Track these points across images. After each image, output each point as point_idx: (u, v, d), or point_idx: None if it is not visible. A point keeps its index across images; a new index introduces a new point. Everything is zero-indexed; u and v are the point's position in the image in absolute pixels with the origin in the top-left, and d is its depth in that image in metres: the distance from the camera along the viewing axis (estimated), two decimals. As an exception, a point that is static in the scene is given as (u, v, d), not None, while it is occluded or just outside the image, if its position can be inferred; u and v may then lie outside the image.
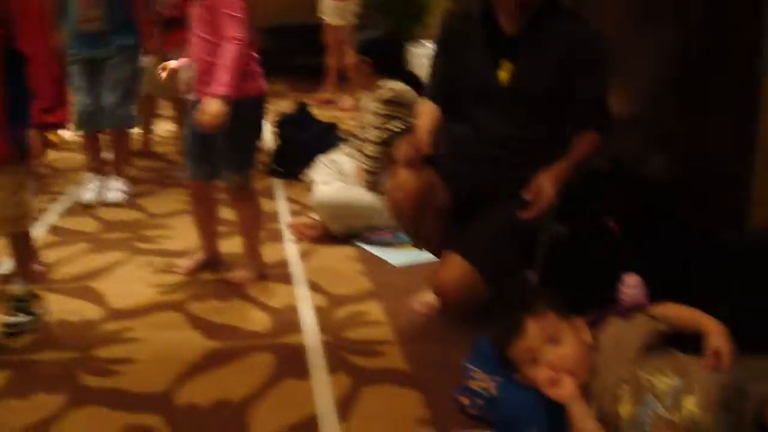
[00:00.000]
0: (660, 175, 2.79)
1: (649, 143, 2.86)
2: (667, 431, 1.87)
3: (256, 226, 3.25)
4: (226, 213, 3.45)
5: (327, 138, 4.82)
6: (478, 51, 2.71)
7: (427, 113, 2.85)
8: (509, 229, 2.55)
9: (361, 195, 3.66)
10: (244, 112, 2.90)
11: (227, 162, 3.01)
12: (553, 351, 1.99)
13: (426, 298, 2.87)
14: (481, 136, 2.74)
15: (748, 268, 2.38)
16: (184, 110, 4.03)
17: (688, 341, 2.06)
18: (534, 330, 1.99)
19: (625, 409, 1.93)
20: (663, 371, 1.93)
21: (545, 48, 2.60)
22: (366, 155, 3.68)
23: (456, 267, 2.54)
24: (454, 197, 2.73)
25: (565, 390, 1.96)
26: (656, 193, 2.71)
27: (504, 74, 2.65)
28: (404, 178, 2.67)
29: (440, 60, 2.87)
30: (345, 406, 2.24)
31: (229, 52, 2.81)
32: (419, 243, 2.97)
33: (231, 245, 3.41)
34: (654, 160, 2.82)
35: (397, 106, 3.61)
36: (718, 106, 2.49)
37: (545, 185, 2.49)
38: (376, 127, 3.63)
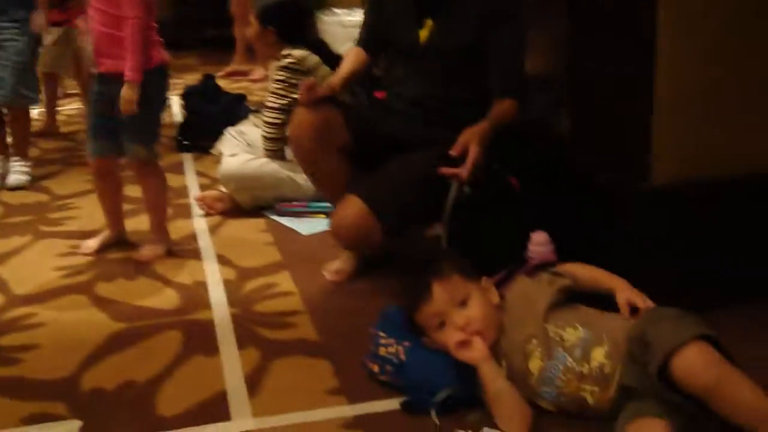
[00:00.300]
0: (561, 131, 2.79)
1: (550, 100, 2.86)
2: (577, 383, 1.89)
3: (161, 201, 3.19)
4: (132, 190, 3.37)
5: (236, 110, 4.75)
6: (405, 9, 2.75)
7: (349, 59, 2.92)
8: (413, 181, 2.57)
9: (267, 165, 3.60)
10: (146, 83, 2.86)
11: (131, 134, 2.95)
12: (461, 313, 1.98)
13: (335, 265, 2.86)
14: (398, 91, 2.79)
15: (650, 221, 2.40)
16: (89, 87, 3.91)
17: (597, 300, 2.08)
18: (440, 294, 1.99)
19: (535, 365, 1.94)
20: (571, 324, 1.95)
21: (464, 5, 2.62)
22: (266, 123, 3.61)
23: (353, 207, 2.57)
24: (361, 144, 2.73)
25: (475, 351, 1.95)
26: (559, 150, 2.71)
27: (425, 32, 2.69)
28: (301, 115, 2.71)
29: (372, 13, 2.94)
30: (255, 381, 2.20)
31: (131, 34, 2.80)
32: (319, 186, 2.98)
33: (138, 223, 3.35)
34: (555, 117, 2.82)
35: (296, 73, 3.54)
36: (618, 62, 2.49)
37: (472, 143, 2.48)
38: (276, 94, 3.57)
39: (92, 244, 3.20)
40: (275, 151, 3.62)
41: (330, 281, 2.84)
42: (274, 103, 3.57)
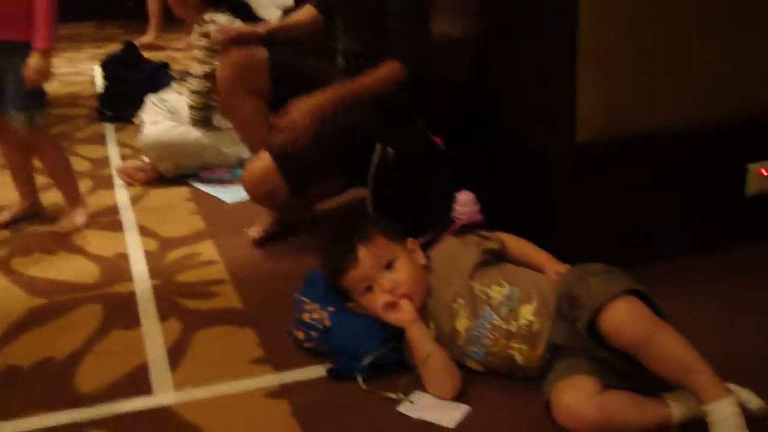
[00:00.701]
0: (486, 90, 2.75)
1: (474, 59, 2.82)
2: (505, 342, 1.86)
3: (62, 170, 3.10)
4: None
5: (158, 78, 4.63)
6: None
7: (298, 12, 2.95)
8: (325, 138, 2.52)
9: (190, 133, 3.52)
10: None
11: (14, 101, 2.82)
12: (388, 276, 1.93)
13: (258, 224, 2.86)
14: (338, 46, 2.81)
15: (576, 178, 2.38)
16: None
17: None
18: (366, 257, 1.94)
19: (462, 324, 1.91)
20: (497, 282, 1.93)
21: None
22: (192, 91, 3.52)
23: (261, 162, 2.59)
24: (282, 93, 2.66)
25: (403, 313, 1.91)
26: (484, 109, 2.67)
27: None
28: (226, 53, 2.73)
29: None
30: (177, 353, 2.14)
31: (42, 2, 2.69)
32: (239, 133, 2.95)
33: (56, 196, 3.22)
34: (480, 77, 2.78)
35: (220, 40, 3.45)
36: (541, 20, 2.45)
37: (300, 114, 2.48)
38: (200, 61, 3.48)
39: (3, 216, 3.11)
40: (202, 120, 3.53)
41: (254, 248, 2.80)
42: (201, 72, 3.48)
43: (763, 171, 2.59)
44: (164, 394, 1.96)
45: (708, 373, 1.61)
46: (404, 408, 1.84)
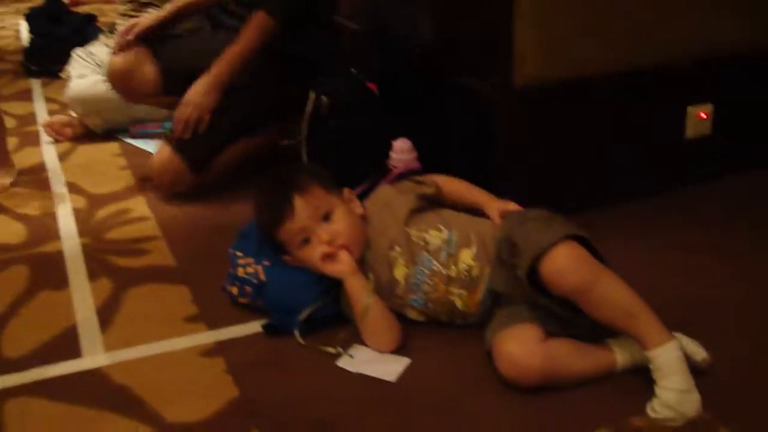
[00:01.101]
0: (423, 34, 2.69)
1: (409, 2, 2.75)
2: (444, 287, 1.83)
3: None
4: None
5: (85, 31, 4.51)
6: None
7: None
8: (220, 120, 2.64)
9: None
10: None
11: None
12: (326, 228, 1.87)
13: None
14: None
15: (513, 123, 2.34)
16: None
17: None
18: (303, 209, 1.86)
19: (400, 272, 1.86)
20: (435, 226, 1.88)
21: None
22: (116, 45, 3.40)
23: (160, 153, 2.70)
24: (174, 77, 2.81)
25: (341, 265, 1.86)
26: (420, 53, 2.61)
27: None
28: (111, 64, 2.90)
29: None
30: (107, 313, 2.06)
31: None
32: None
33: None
34: (416, 21, 2.71)
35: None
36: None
37: (197, 97, 2.65)
38: (126, 15, 3.36)
39: None
40: None
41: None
42: (125, 24, 3.35)
43: (702, 114, 2.58)
44: (94, 356, 1.89)
45: (651, 318, 1.59)
46: (343, 362, 1.79)
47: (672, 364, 1.54)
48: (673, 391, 1.52)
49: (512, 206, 1.96)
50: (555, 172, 2.44)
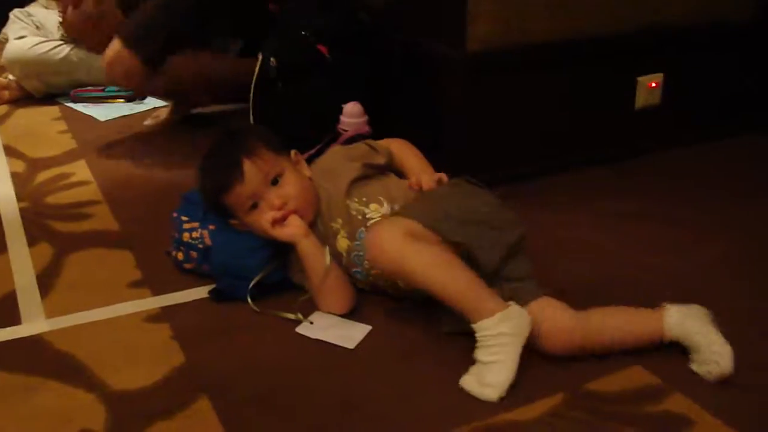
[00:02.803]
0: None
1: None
2: None
3: None
4: None
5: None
6: None
7: None
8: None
9: (60, 49, 3.31)
10: None
11: None
12: (276, 191, 1.82)
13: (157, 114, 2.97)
14: None
15: (465, 88, 2.31)
16: None
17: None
18: (253, 173, 1.80)
19: (343, 245, 1.82)
20: (376, 199, 1.82)
21: None
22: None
23: (112, 46, 2.58)
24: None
25: (292, 228, 1.81)
26: (371, 14, 2.56)
27: None
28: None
29: None
30: (47, 279, 2.00)
31: None
32: None
33: None
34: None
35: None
36: None
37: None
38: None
39: None
40: (77, 38, 3.33)
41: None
42: None
43: (653, 83, 2.58)
44: (35, 323, 1.82)
45: (474, 296, 1.55)
46: (303, 329, 1.75)
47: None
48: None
49: (429, 181, 1.84)
50: (505, 138, 2.42)
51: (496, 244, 1.65)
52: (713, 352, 1.52)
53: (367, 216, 1.80)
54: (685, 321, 1.56)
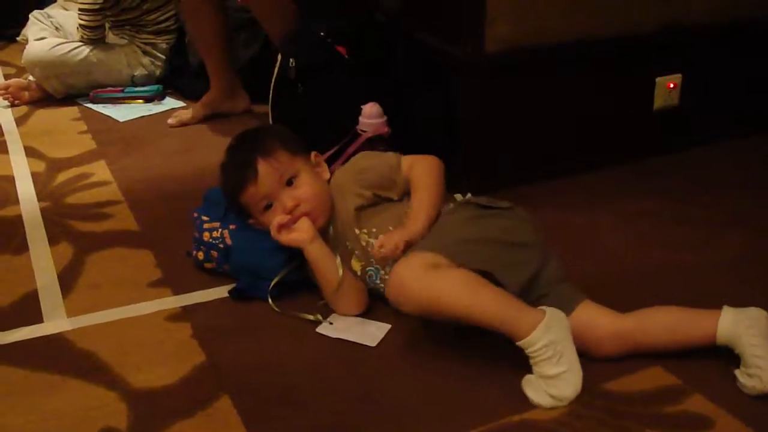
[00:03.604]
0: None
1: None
2: None
3: None
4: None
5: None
6: None
7: None
8: None
9: (79, 50, 3.33)
10: None
11: None
12: (290, 193, 1.82)
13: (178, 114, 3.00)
14: None
15: (483, 89, 2.32)
16: None
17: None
18: (267, 173, 1.81)
19: (356, 265, 1.82)
20: (386, 229, 1.77)
21: None
22: (83, 10, 3.31)
23: None
24: None
25: (298, 233, 1.80)
26: (389, 16, 2.58)
27: None
28: None
29: None
30: (69, 278, 2.01)
31: None
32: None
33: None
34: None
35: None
36: None
37: None
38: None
39: None
40: (95, 40, 3.35)
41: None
42: None
43: (671, 84, 2.58)
44: (56, 321, 1.84)
45: (509, 315, 1.50)
46: (323, 329, 1.76)
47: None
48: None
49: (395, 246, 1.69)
50: (523, 139, 2.42)
51: (518, 265, 1.62)
52: (758, 367, 1.47)
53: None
54: (737, 328, 1.51)
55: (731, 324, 1.52)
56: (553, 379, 1.47)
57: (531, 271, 1.63)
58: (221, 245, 1.92)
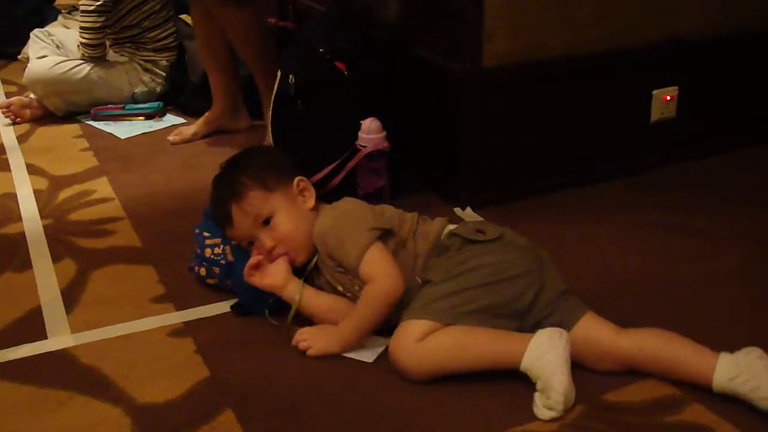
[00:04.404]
0: (390, 12, 2.68)
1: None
2: None
3: None
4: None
5: (43, 12, 4.44)
6: None
7: None
8: None
9: (80, 68, 3.35)
10: None
11: None
12: (268, 234, 1.81)
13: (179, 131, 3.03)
14: None
15: (481, 104, 2.34)
16: None
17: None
18: (241, 218, 1.81)
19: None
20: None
21: None
22: (84, 28, 3.33)
23: None
24: None
25: (272, 278, 1.80)
26: (388, 32, 2.60)
27: None
28: None
29: None
30: (72, 294, 2.03)
31: None
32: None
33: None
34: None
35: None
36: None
37: None
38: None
39: None
40: (96, 57, 3.38)
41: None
42: (89, 5, 3.29)
43: (667, 97, 2.60)
44: (60, 338, 1.85)
45: (502, 350, 1.56)
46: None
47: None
48: None
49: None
50: (521, 152, 2.44)
51: (508, 305, 1.64)
52: (760, 398, 1.47)
53: (359, 293, 1.75)
54: (732, 384, 1.49)
55: (726, 380, 1.50)
56: (543, 390, 1.50)
57: (526, 301, 1.65)
58: (223, 261, 1.94)
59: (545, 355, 1.50)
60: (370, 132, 2.26)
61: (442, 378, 1.61)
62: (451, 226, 1.82)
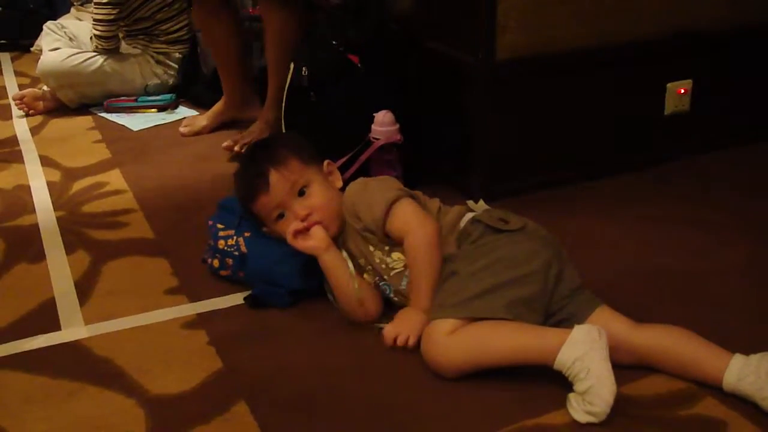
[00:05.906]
0: (404, 5, 2.67)
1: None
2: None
3: None
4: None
5: (55, 4, 4.46)
6: None
7: None
8: None
9: (93, 60, 3.36)
10: None
11: None
12: (302, 203, 1.82)
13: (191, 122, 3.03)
14: None
15: (494, 96, 2.33)
16: None
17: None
18: (278, 183, 1.81)
19: (369, 276, 1.82)
20: (399, 248, 1.77)
21: None
22: (97, 20, 3.34)
23: None
24: None
25: (314, 241, 1.80)
26: (401, 24, 2.59)
27: None
28: None
29: None
30: (86, 286, 2.03)
31: None
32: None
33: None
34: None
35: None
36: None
37: None
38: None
39: None
40: (109, 50, 3.39)
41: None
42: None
43: (681, 90, 2.59)
44: (74, 329, 1.86)
45: (534, 345, 1.54)
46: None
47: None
48: None
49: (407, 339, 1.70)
50: (534, 145, 2.44)
51: (533, 303, 1.62)
52: (764, 398, 1.46)
53: (390, 266, 1.78)
54: (741, 385, 1.48)
55: (735, 380, 1.49)
56: (585, 394, 1.46)
57: (549, 293, 1.64)
58: (236, 253, 1.94)
59: (586, 356, 1.47)
60: (383, 124, 2.26)
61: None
62: (470, 213, 1.82)
